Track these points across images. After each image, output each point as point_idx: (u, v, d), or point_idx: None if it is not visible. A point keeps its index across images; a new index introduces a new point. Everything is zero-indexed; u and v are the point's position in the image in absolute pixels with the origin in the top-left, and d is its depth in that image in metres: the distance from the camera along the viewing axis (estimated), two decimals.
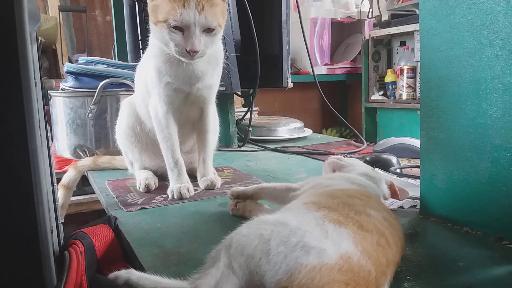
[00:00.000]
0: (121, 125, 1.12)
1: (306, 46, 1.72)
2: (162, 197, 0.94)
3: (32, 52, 0.42)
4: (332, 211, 0.51)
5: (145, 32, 1.57)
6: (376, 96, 2.84)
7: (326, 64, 2.92)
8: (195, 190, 0.98)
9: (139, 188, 1.00)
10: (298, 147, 1.54)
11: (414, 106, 2.51)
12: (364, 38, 2.87)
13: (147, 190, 0.99)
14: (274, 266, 0.41)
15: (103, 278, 0.52)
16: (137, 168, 1.11)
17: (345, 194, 0.57)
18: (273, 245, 0.43)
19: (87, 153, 1.31)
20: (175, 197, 0.92)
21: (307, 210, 0.52)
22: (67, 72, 1.37)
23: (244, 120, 1.68)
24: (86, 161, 1.25)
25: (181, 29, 0.82)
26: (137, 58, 1.61)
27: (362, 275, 0.42)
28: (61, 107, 1.33)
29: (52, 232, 0.45)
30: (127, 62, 1.61)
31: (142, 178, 1.02)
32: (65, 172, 1.28)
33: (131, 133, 1.09)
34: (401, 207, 0.82)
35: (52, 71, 3.23)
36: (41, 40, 2.67)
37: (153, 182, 1.02)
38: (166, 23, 0.81)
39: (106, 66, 1.40)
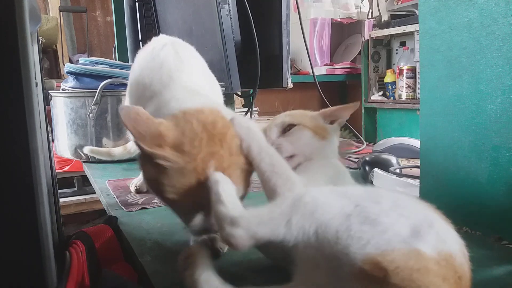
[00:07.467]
0: None
1: (306, 47, 1.72)
2: None
3: (33, 53, 0.42)
4: None
5: (146, 32, 1.57)
6: (376, 97, 2.84)
7: (326, 65, 2.92)
8: None
9: (130, 188, 0.99)
10: None
11: (413, 106, 2.51)
12: (364, 38, 2.87)
13: (137, 192, 0.97)
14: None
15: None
16: None
17: None
18: None
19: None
20: None
21: None
22: (68, 72, 1.37)
23: None
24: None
25: None
26: None
27: None
28: (61, 107, 1.33)
29: (53, 232, 0.45)
30: (128, 62, 1.61)
31: (137, 179, 1.01)
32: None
33: None
34: None
35: (52, 72, 3.24)
36: (41, 41, 2.67)
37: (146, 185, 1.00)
38: None
39: (106, 66, 1.40)
